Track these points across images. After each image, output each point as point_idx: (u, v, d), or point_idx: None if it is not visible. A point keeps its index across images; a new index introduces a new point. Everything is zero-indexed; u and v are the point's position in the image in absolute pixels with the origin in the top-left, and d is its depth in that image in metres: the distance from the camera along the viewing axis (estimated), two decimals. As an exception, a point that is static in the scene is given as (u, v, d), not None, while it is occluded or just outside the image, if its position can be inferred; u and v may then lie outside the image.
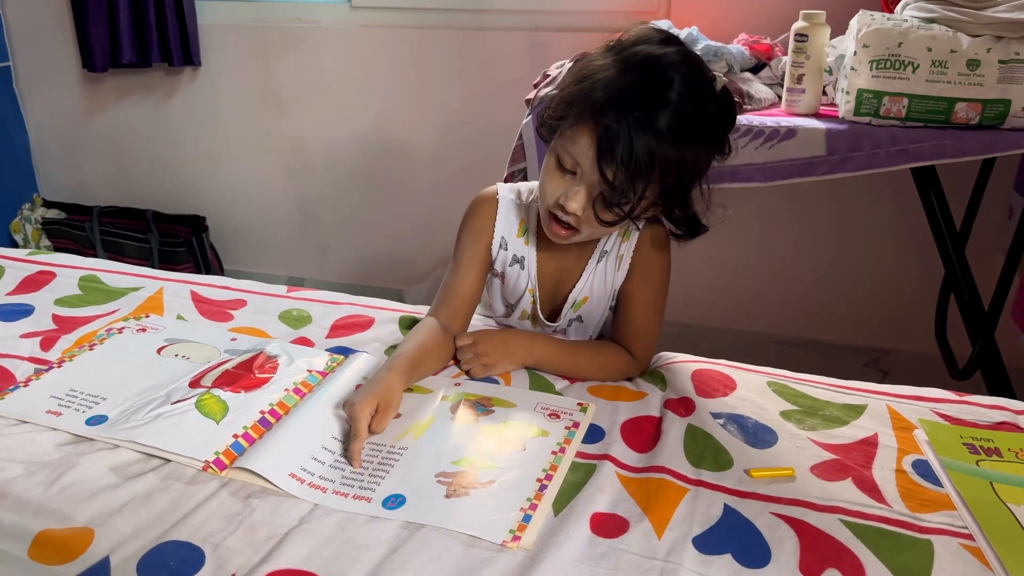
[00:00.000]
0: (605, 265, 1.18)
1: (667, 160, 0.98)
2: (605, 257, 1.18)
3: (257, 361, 1.11)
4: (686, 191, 1.06)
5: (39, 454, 0.93)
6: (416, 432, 0.99)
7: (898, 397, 1.08)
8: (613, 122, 0.97)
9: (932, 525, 0.84)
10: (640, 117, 0.97)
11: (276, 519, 0.84)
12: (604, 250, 1.18)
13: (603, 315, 1.22)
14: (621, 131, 0.96)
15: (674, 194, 1.05)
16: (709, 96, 1.02)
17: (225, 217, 2.77)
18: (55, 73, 2.77)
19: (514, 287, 1.21)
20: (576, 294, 1.19)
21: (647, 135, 0.96)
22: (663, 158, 0.98)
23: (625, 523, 0.83)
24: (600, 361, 1.16)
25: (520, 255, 1.20)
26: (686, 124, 0.98)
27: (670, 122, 0.97)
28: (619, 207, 1.01)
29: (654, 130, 0.97)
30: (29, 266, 1.41)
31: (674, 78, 0.98)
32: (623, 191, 0.99)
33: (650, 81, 0.98)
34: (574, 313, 1.21)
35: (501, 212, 1.20)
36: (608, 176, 0.99)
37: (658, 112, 0.97)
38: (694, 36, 1.72)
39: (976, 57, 1.45)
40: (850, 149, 1.54)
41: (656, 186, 1.01)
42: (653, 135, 0.97)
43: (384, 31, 2.41)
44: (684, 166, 1.01)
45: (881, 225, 2.17)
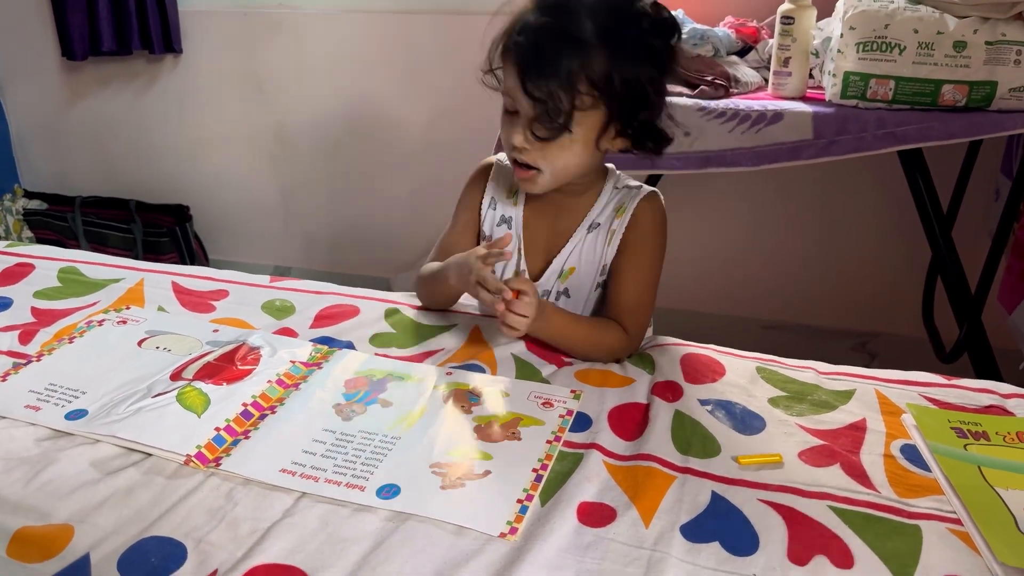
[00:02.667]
0: (596, 237, 1.19)
1: (591, 66, 1.01)
2: (596, 229, 1.19)
3: (239, 353, 1.09)
4: (635, 107, 1.07)
5: (17, 450, 0.91)
6: (408, 422, 0.98)
7: (886, 381, 1.07)
8: (525, 41, 1.03)
9: (920, 510, 0.83)
10: (551, 29, 1.02)
11: (259, 513, 0.82)
12: (596, 221, 1.19)
13: (591, 291, 1.22)
14: (533, 47, 1.02)
15: (623, 109, 1.06)
16: (627, 6, 1.05)
17: (209, 206, 2.75)
18: (34, 62, 2.73)
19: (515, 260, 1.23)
20: (563, 260, 1.20)
21: (560, 43, 1.01)
22: (583, 62, 1.01)
23: (612, 512, 0.83)
24: (597, 337, 1.14)
25: (508, 215, 1.24)
26: (604, 29, 1.02)
27: (583, 27, 1.01)
28: (552, 121, 1.04)
29: (568, 38, 1.01)
30: (7, 258, 1.39)
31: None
32: (551, 104, 1.02)
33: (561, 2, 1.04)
34: (561, 285, 1.21)
35: (494, 174, 1.25)
36: (534, 94, 1.03)
37: (569, 21, 1.02)
38: (680, 19, 1.71)
39: (963, 39, 1.45)
40: (837, 132, 1.53)
41: (590, 99, 1.03)
42: (567, 43, 1.01)
43: (367, 16, 2.39)
44: (615, 73, 1.03)
45: (868, 208, 2.17)
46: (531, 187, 1.14)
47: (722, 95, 1.61)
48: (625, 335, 1.15)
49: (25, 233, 2.80)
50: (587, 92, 1.03)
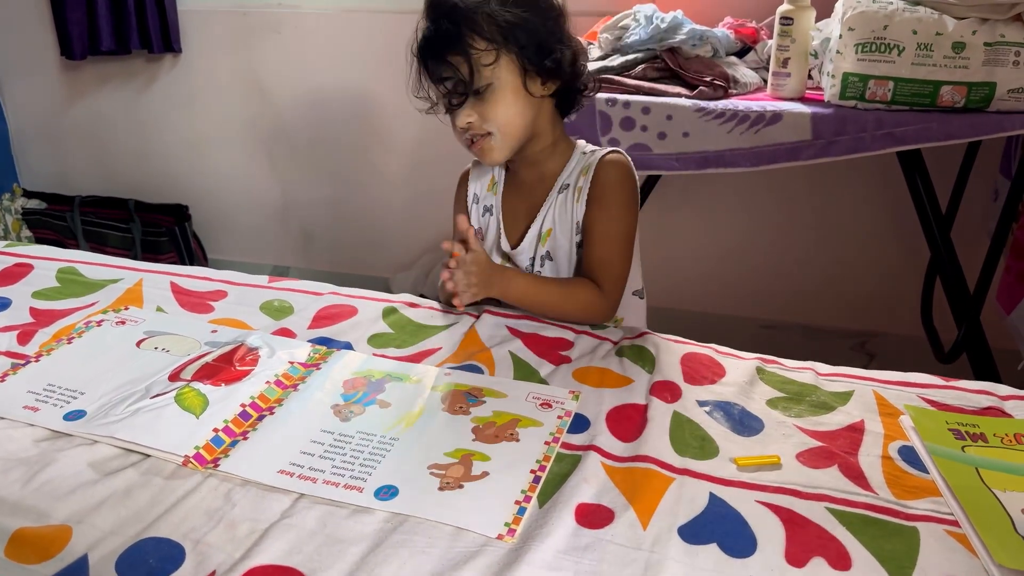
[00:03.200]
0: (566, 197, 1.25)
1: (476, 25, 1.13)
2: (566, 190, 1.26)
3: (238, 353, 1.09)
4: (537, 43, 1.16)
5: (15, 451, 0.91)
6: (407, 423, 0.98)
7: (885, 383, 1.07)
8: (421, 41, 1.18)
9: (918, 512, 0.83)
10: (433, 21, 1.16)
11: (257, 514, 0.83)
12: (565, 183, 1.26)
13: (571, 252, 1.27)
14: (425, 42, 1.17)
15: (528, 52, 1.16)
16: None
17: (208, 206, 2.75)
18: (33, 61, 2.73)
19: (489, 235, 1.32)
20: (539, 223, 1.27)
21: (442, 22, 1.15)
22: (469, 24, 1.13)
23: (610, 514, 0.83)
24: (567, 294, 1.22)
25: (489, 204, 1.33)
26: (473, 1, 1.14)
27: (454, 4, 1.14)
28: (464, 84, 1.15)
29: (447, 15, 1.14)
30: (6, 258, 1.39)
31: None
32: (456, 73, 1.15)
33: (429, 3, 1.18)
34: (543, 248, 1.27)
35: (473, 174, 1.36)
36: (441, 76, 1.17)
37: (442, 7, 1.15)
38: (679, 19, 1.71)
39: (961, 40, 1.45)
40: (836, 133, 1.53)
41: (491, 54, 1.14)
42: (448, 19, 1.14)
43: (367, 16, 2.38)
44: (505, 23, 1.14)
45: (867, 208, 2.17)
46: (490, 154, 1.21)
47: (721, 96, 1.61)
48: (599, 291, 1.21)
49: (24, 232, 2.80)
50: (484, 48, 1.14)
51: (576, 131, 1.63)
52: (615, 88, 1.64)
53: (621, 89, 1.64)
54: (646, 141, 1.63)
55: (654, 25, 1.70)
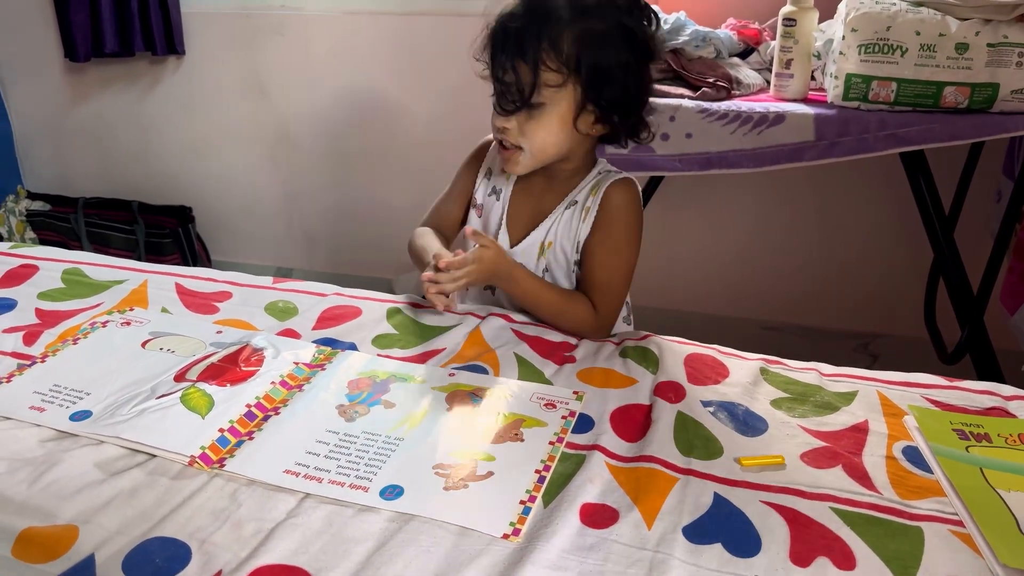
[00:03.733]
0: (572, 214, 1.25)
1: (558, 42, 1.09)
2: (574, 207, 1.25)
3: (243, 354, 1.09)
4: (608, 85, 1.13)
5: (22, 451, 0.91)
6: (411, 423, 0.98)
7: (888, 383, 1.07)
8: (499, 27, 1.13)
9: (922, 512, 0.84)
10: (523, 14, 1.11)
11: (263, 514, 0.83)
12: (574, 199, 1.25)
13: (568, 268, 1.27)
14: (503, 30, 1.12)
15: (594, 85, 1.13)
16: None
17: (212, 207, 2.75)
18: (37, 63, 2.73)
19: (488, 217, 1.32)
20: (541, 234, 1.26)
21: (529, 22, 1.10)
22: (552, 39, 1.09)
23: (615, 513, 0.83)
24: (565, 305, 1.22)
25: (499, 187, 1.32)
26: (576, 9, 1.10)
27: (555, 7, 1.10)
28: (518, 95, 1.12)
29: (537, 17, 1.10)
30: (11, 260, 1.39)
31: None
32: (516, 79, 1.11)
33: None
34: (544, 262, 1.27)
35: (492, 150, 1.33)
36: (499, 73, 1.13)
37: (542, 4, 1.11)
38: (682, 21, 1.71)
39: (965, 40, 1.45)
40: (839, 134, 1.53)
41: (559, 76, 1.11)
42: (535, 21, 1.10)
43: (370, 17, 2.39)
44: (585, 48, 1.10)
45: (870, 209, 2.17)
46: (513, 166, 1.21)
47: (724, 97, 1.61)
48: (594, 312, 1.22)
49: (28, 234, 2.80)
50: (556, 69, 1.11)
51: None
52: (618, 89, 1.64)
53: (624, 90, 1.64)
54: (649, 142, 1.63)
55: (657, 26, 1.70)
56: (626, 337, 1.19)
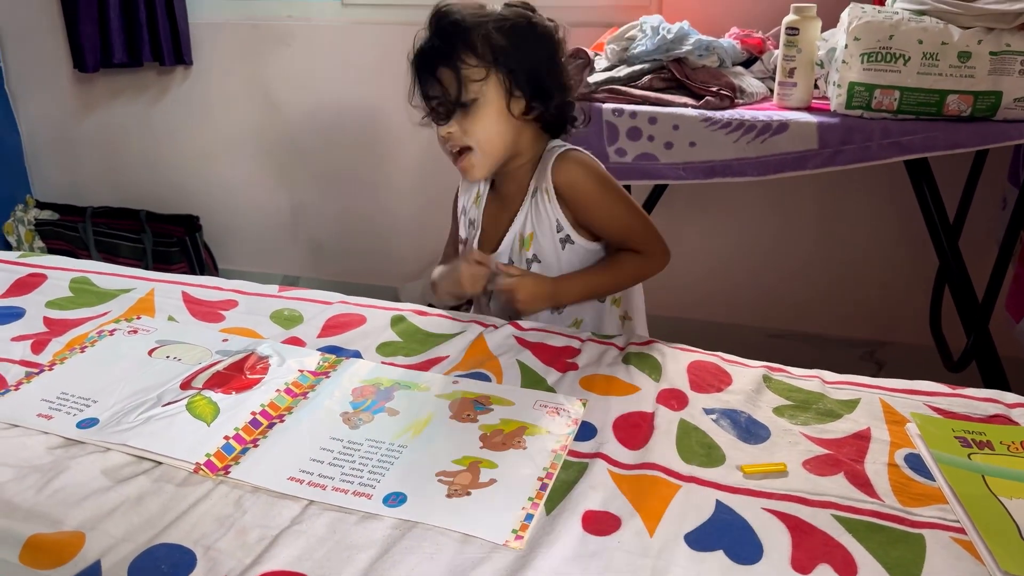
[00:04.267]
0: (538, 200, 1.30)
1: (469, 42, 1.20)
2: (538, 192, 1.30)
3: (248, 362, 1.10)
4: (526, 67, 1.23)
5: (30, 458, 0.92)
6: (415, 430, 0.98)
7: (891, 391, 1.07)
8: (415, 55, 1.24)
9: (924, 519, 0.84)
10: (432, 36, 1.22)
11: (267, 520, 0.83)
12: (536, 187, 1.30)
13: (555, 249, 1.31)
14: (419, 55, 1.23)
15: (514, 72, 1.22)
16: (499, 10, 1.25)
17: (219, 216, 2.77)
18: (46, 74, 2.76)
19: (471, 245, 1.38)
20: (517, 228, 1.32)
21: (439, 38, 1.21)
22: (464, 41, 1.20)
23: (617, 521, 0.83)
24: (616, 271, 1.31)
25: (473, 217, 1.39)
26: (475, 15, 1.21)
27: (457, 18, 1.21)
28: (451, 98, 1.21)
29: (445, 31, 1.21)
30: (20, 268, 1.41)
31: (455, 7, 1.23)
32: (444, 88, 1.21)
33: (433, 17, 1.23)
34: (528, 252, 1.32)
35: (462, 187, 1.43)
36: (428, 90, 1.23)
37: (445, 21, 1.21)
38: (685, 30, 1.72)
39: (967, 49, 1.45)
40: (842, 142, 1.54)
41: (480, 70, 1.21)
42: (446, 35, 1.21)
43: (375, 28, 2.40)
44: (494, 41, 1.20)
45: (875, 217, 2.17)
46: (471, 171, 1.28)
47: (727, 105, 1.62)
48: (641, 256, 1.30)
49: (37, 243, 2.82)
50: (476, 64, 1.20)
51: (584, 141, 1.64)
52: (621, 98, 1.65)
53: (628, 99, 1.65)
54: (653, 151, 1.64)
55: (660, 36, 1.71)
56: (630, 342, 1.20)
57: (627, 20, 1.84)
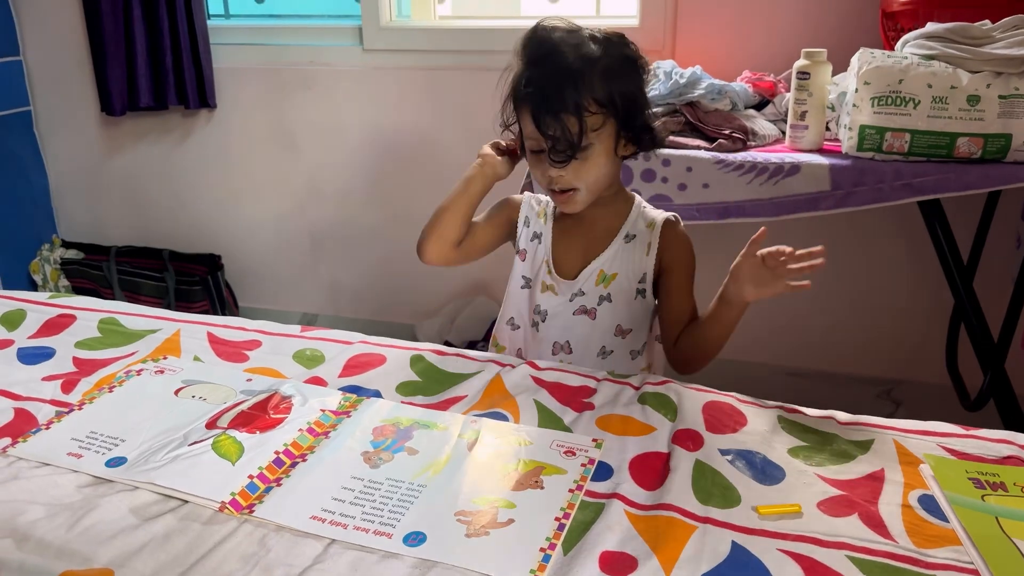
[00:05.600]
0: (633, 247, 1.34)
1: (592, 88, 1.20)
2: (633, 240, 1.34)
3: (272, 401, 1.13)
4: (633, 113, 1.25)
5: (60, 496, 0.95)
6: (435, 470, 1.00)
7: (905, 431, 1.08)
8: (533, 89, 1.22)
9: (938, 561, 0.84)
10: (551, 74, 1.21)
11: (291, 559, 0.85)
12: (631, 233, 1.35)
13: (631, 296, 1.35)
14: (541, 92, 1.21)
15: (625, 117, 1.24)
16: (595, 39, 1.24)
17: (240, 255, 2.81)
18: (74, 116, 2.83)
19: (533, 259, 1.40)
20: (603, 263, 1.35)
21: (562, 82, 1.19)
22: (588, 88, 1.20)
23: (634, 561, 0.84)
24: None
25: (539, 231, 1.41)
26: (589, 60, 1.21)
27: (574, 64, 1.20)
28: (570, 147, 1.21)
29: (566, 76, 1.19)
30: (50, 309, 1.44)
31: (559, 38, 1.23)
32: (565, 133, 1.20)
33: (545, 51, 1.23)
34: (604, 290, 1.35)
35: (525, 202, 1.44)
36: (548, 132, 1.21)
37: (562, 63, 1.20)
38: (698, 75, 1.76)
39: (976, 93, 1.48)
40: (854, 184, 1.56)
41: (599, 118, 1.22)
42: (568, 80, 1.19)
43: (395, 72, 2.46)
44: (611, 88, 1.21)
45: (892, 257, 2.18)
46: (572, 206, 1.30)
47: (740, 148, 1.65)
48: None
49: (62, 282, 2.88)
50: (596, 112, 1.21)
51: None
52: (636, 141, 1.68)
53: (642, 142, 1.68)
54: (667, 192, 1.67)
55: (673, 80, 1.75)
56: (646, 381, 1.21)
57: (641, 65, 1.88)
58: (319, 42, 2.55)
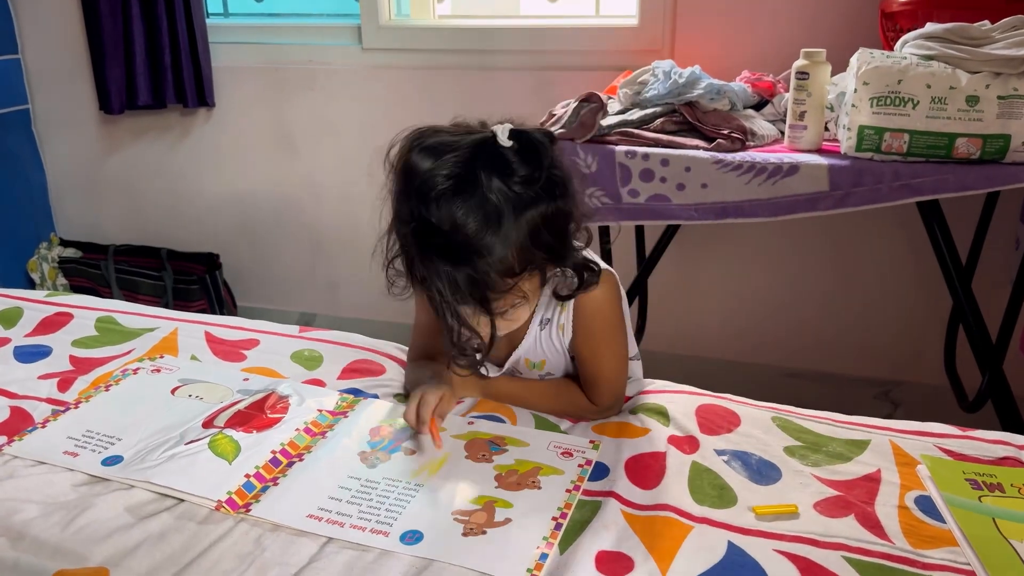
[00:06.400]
0: (550, 333, 1.16)
1: (503, 266, 0.97)
2: (548, 325, 1.16)
3: (269, 401, 1.13)
4: (559, 249, 1.03)
5: (56, 495, 0.95)
6: (431, 470, 1.00)
7: (901, 432, 1.08)
8: (430, 286, 0.98)
9: (934, 561, 0.84)
10: (444, 266, 0.96)
11: (287, 558, 0.85)
12: (546, 317, 1.16)
13: (567, 369, 1.21)
14: (439, 292, 0.97)
15: (550, 258, 1.02)
16: (491, 178, 0.97)
17: (238, 254, 2.81)
18: (72, 115, 2.82)
19: None
20: (525, 352, 1.18)
21: (462, 276, 0.95)
22: (498, 270, 0.96)
23: (630, 561, 0.84)
24: (556, 392, 1.17)
25: None
26: (490, 232, 0.95)
27: (476, 246, 0.95)
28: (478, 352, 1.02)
29: (467, 265, 0.95)
30: (47, 307, 1.44)
31: (446, 206, 0.96)
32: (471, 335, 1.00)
33: (430, 229, 0.97)
34: (539, 372, 1.20)
35: None
36: (449, 329, 1.00)
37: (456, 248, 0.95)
38: (697, 74, 1.75)
39: (975, 93, 1.47)
40: (853, 184, 1.55)
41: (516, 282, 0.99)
42: (469, 269, 0.95)
43: (395, 72, 2.46)
44: (526, 249, 0.98)
45: (889, 257, 2.18)
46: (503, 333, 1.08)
47: (738, 148, 1.64)
48: (587, 399, 1.15)
49: (60, 280, 2.87)
50: (511, 284, 0.99)
51: (597, 183, 1.67)
52: (634, 141, 1.68)
53: (640, 142, 1.67)
54: (665, 192, 1.66)
55: (672, 80, 1.74)
56: (638, 392, 1.21)
57: (640, 64, 1.88)
58: (318, 41, 2.55)
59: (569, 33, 2.27)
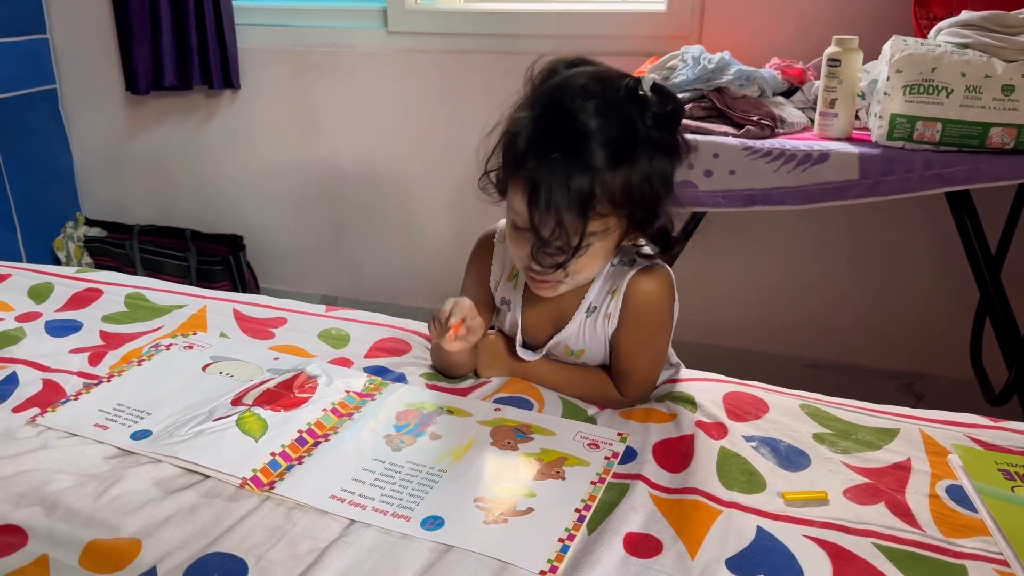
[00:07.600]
0: (595, 321, 1.15)
1: (609, 189, 0.97)
2: (594, 313, 1.14)
3: (297, 381, 1.13)
4: (653, 209, 1.03)
5: (88, 466, 0.96)
6: (455, 455, 1.00)
7: (931, 422, 1.08)
8: (536, 172, 0.96)
9: (966, 550, 0.84)
10: (561, 159, 0.95)
11: (317, 532, 0.86)
12: (593, 305, 1.14)
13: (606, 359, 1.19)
14: (544, 179, 0.95)
15: (641, 215, 1.03)
16: (631, 107, 0.99)
17: (262, 236, 2.82)
18: (99, 95, 2.84)
19: (505, 325, 1.24)
20: (567, 338, 1.17)
21: (572, 173, 0.95)
22: (604, 189, 0.96)
23: (659, 544, 0.84)
24: (583, 380, 1.17)
25: (507, 297, 1.22)
26: (615, 147, 0.96)
27: (592, 150, 0.95)
28: (563, 251, 0.99)
29: (579, 167, 0.95)
30: (77, 283, 1.46)
31: (586, 106, 0.97)
32: (561, 236, 0.97)
33: (561, 117, 0.98)
34: (577, 359, 1.20)
35: (497, 255, 1.23)
36: (540, 229, 0.98)
37: (578, 148, 0.96)
38: (726, 60, 1.74)
39: (1011, 82, 1.45)
40: (883, 173, 1.54)
41: (609, 219, 1.00)
42: (578, 172, 0.95)
43: (419, 55, 2.45)
44: (632, 187, 0.98)
45: (916, 248, 2.16)
46: (550, 292, 1.09)
47: (768, 135, 1.63)
48: (616, 388, 1.15)
49: (85, 259, 2.90)
50: (608, 214, 0.99)
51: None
52: (663, 127, 1.67)
53: (669, 128, 1.66)
54: (692, 178, 1.65)
55: (701, 66, 1.73)
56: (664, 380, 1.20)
57: (668, 50, 1.87)
58: (343, 24, 2.54)
59: (596, 18, 2.25)
